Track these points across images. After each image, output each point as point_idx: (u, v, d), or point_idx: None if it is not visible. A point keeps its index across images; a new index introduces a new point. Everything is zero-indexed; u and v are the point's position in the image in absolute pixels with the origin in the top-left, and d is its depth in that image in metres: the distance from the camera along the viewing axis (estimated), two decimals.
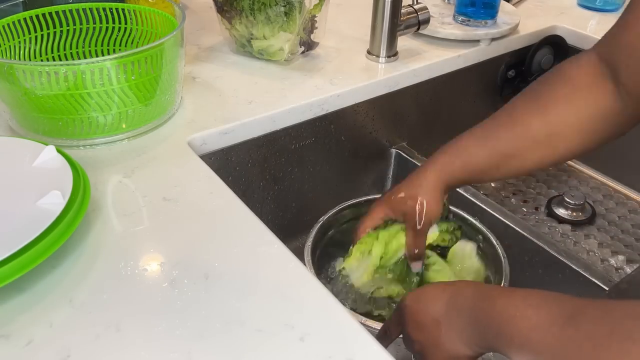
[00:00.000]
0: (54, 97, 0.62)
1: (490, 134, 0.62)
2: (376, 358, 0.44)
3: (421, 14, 0.89)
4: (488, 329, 0.46)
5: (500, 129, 0.62)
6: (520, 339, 0.43)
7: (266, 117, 0.75)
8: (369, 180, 0.96)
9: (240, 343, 0.45)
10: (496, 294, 0.47)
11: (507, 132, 0.61)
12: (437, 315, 0.51)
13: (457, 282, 0.55)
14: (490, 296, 0.47)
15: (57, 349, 0.44)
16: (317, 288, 0.50)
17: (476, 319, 0.48)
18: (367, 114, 0.87)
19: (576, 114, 0.58)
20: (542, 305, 0.43)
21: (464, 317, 0.49)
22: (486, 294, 0.48)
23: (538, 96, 0.61)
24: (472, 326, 0.48)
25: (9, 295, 0.48)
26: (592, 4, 1.14)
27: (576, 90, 0.59)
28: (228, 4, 0.84)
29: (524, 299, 0.44)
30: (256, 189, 0.81)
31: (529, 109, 0.61)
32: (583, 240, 0.95)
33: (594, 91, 0.58)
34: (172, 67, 0.69)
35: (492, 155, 0.61)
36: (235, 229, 0.56)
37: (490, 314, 0.46)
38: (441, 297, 0.52)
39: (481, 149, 0.62)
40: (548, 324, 0.41)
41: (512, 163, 0.61)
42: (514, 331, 0.43)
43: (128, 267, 0.51)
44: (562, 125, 0.59)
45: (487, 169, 0.62)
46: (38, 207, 0.51)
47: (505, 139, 0.61)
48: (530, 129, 0.60)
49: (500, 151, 0.61)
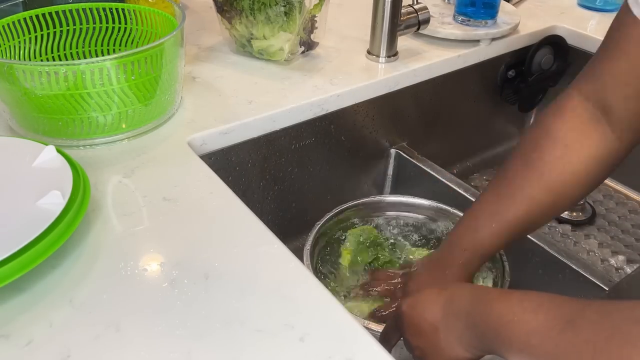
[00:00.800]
0: (54, 97, 0.62)
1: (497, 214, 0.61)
2: (376, 358, 0.44)
3: (421, 14, 0.89)
4: (486, 333, 0.46)
5: (506, 201, 0.61)
6: (519, 343, 0.43)
7: (266, 117, 0.75)
8: (369, 180, 0.96)
9: (240, 343, 0.45)
10: (493, 297, 0.47)
11: (513, 210, 0.60)
12: (434, 320, 0.51)
13: (452, 285, 0.55)
14: (486, 300, 0.47)
15: (57, 349, 0.44)
16: (317, 288, 0.50)
17: (474, 324, 0.48)
18: (367, 114, 0.87)
19: (572, 172, 0.58)
20: (540, 310, 0.42)
21: (461, 322, 0.49)
22: (482, 297, 0.48)
23: (530, 163, 0.60)
24: (470, 330, 0.48)
25: (9, 295, 0.48)
26: (592, 4, 1.14)
27: (567, 149, 0.58)
28: (228, 4, 0.84)
29: (521, 302, 0.44)
30: (256, 189, 0.81)
31: (526, 178, 0.60)
32: (583, 240, 0.95)
33: (585, 144, 0.57)
34: (172, 67, 0.69)
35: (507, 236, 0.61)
36: (235, 229, 0.56)
37: (488, 319, 0.46)
38: (437, 301, 0.52)
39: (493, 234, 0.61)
40: (546, 328, 0.41)
41: (525, 232, 0.62)
42: (512, 336, 0.43)
43: (128, 267, 0.51)
44: (561, 187, 0.59)
45: (498, 248, 0.63)
46: (38, 207, 0.51)
47: (514, 217, 0.60)
48: (534, 200, 0.59)
49: (513, 229, 0.61)
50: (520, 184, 0.60)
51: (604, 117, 0.56)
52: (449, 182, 0.86)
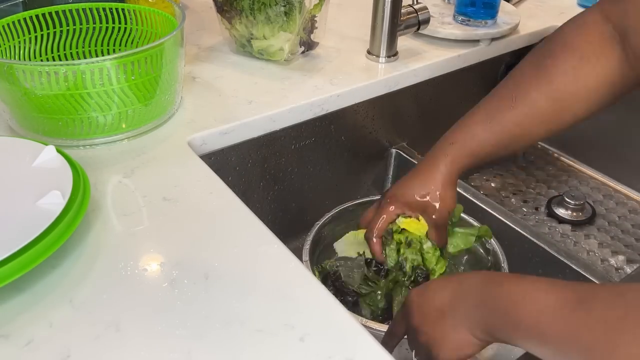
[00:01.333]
0: (54, 97, 0.62)
1: (495, 114, 0.60)
2: (376, 358, 0.44)
3: (421, 14, 0.89)
4: (494, 312, 0.45)
5: (505, 108, 0.60)
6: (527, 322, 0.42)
7: (266, 117, 0.75)
8: (369, 180, 0.96)
9: (240, 343, 0.45)
10: (504, 279, 0.46)
11: (512, 111, 0.59)
12: (441, 305, 0.50)
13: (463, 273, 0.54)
14: (497, 281, 0.46)
15: (57, 349, 0.44)
16: (317, 288, 0.50)
17: (482, 302, 0.46)
18: (367, 114, 0.87)
19: (584, 85, 0.57)
20: (552, 290, 0.41)
21: (469, 302, 0.47)
22: (494, 279, 0.47)
23: (542, 69, 0.59)
24: (478, 310, 0.46)
25: (9, 295, 0.48)
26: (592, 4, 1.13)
27: (583, 60, 0.57)
28: (228, 4, 0.84)
29: (533, 283, 0.43)
30: (256, 189, 0.81)
31: (533, 83, 0.59)
32: (583, 240, 0.95)
33: (601, 60, 0.56)
34: (172, 67, 0.69)
35: (500, 138, 0.60)
36: (235, 229, 0.56)
37: (497, 297, 0.45)
38: (446, 286, 0.51)
39: (489, 133, 0.60)
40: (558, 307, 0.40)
41: (520, 140, 0.61)
42: (521, 314, 0.42)
43: (128, 267, 0.51)
44: (569, 98, 0.57)
45: (496, 151, 0.62)
46: (38, 207, 0.51)
47: (511, 119, 0.59)
48: (536, 105, 0.58)
49: (508, 132, 0.60)
50: (526, 88, 0.59)
51: (621, 41, 0.55)
52: None
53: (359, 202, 0.80)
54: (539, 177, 1.08)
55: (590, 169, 1.10)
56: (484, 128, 0.61)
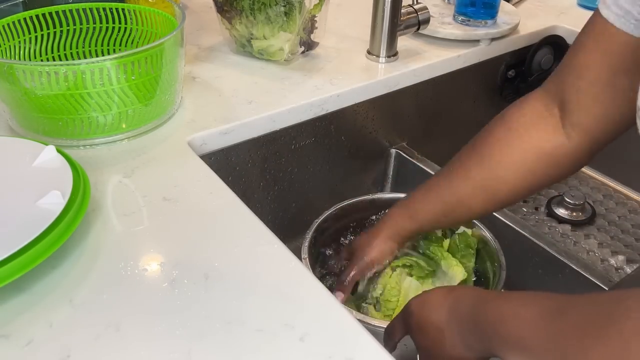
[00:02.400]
0: (54, 97, 0.62)
1: (434, 185, 0.65)
2: (376, 358, 0.44)
3: (421, 14, 0.89)
4: (485, 332, 0.46)
5: (443, 179, 0.64)
6: (513, 337, 0.43)
7: (266, 117, 0.75)
8: (369, 180, 0.96)
9: (240, 343, 0.45)
10: (493, 297, 0.48)
11: (449, 182, 0.63)
12: (440, 322, 0.52)
13: (458, 288, 0.56)
14: (487, 299, 0.48)
15: (57, 349, 0.44)
16: (317, 288, 0.50)
17: (475, 323, 0.48)
18: (367, 114, 0.87)
19: (513, 157, 0.59)
20: (534, 302, 0.43)
21: (464, 323, 0.49)
22: (483, 297, 0.49)
23: (479, 142, 0.62)
24: (472, 331, 0.48)
25: (9, 295, 0.48)
26: (592, 4, 1.13)
27: (512, 132, 0.59)
28: (228, 4, 0.84)
29: (519, 298, 0.45)
30: (256, 189, 0.81)
31: (469, 156, 0.62)
32: (583, 240, 0.95)
33: (534, 134, 0.58)
34: (172, 67, 0.69)
35: (437, 206, 0.64)
36: (235, 229, 0.56)
37: (487, 317, 0.47)
38: (443, 304, 0.52)
39: (427, 202, 0.65)
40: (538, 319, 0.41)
41: (457, 211, 0.64)
42: (507, 330, 0.44)
43: (128, 267, 0.51)
44: (500, 170, 0.59)
45: (434, 219, 0.66)
46: (38, 207, 0.51)
47: (446, 188, 0.63)
48: (469, 176, 0.61)
49: (444, 201, 0.64)
50: (462, 160, 0.63)
51: (559, 112, 0.57)
52: None
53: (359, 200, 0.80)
54: None
55: (590, 169, 1.10)
56: (423, 196, 0.66)
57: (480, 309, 0.48)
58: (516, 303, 0.45)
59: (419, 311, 0.54)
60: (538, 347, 0.41)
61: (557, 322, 0.40)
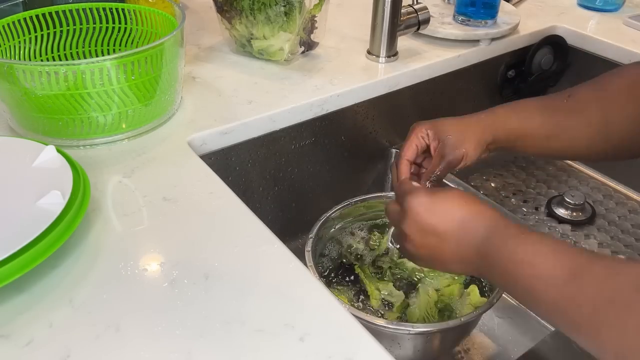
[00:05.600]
0: (54, 97, 0.62)
1: (549, 104, 0.62)
2: (376, 358, 0.44)
3: (421, 14, 0.89)
4: (494, 266, 0.46)
5: (559, 103, 0.61)
6: (523, 284, 0.43)
7: (266, 117, 0.75)
8: (369, 180, 0.96)
9: (240, 343, 0.45)
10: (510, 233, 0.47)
11: (564, 107, 0.61)
12: (445, 230, 0.50)
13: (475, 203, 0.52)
14: (504, 234, 0.47)
15: (57, 349, 0.44)
16: (317, 288, 0.50)
17: (485, 253, 0.47)
18: (367, 114, 0.87)
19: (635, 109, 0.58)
20: (550, 256, 0.42)
21: (472, 247, 0.48)
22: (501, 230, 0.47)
23: (600, 86, 0.61)
24: (479, 258, 0.47)
25: (9, 295, 0.48)
26: (592, 4, 1.14)
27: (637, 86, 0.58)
28: (228, 4, 0.84)
29: (534, 244, 0.44)
30: (256, 189, 0.81)
31: (589, 94, 0.61)
32: (583, 240, 0.95)
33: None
34: (172, 67, 0.69)
35: (547, 124, 0.61)
36: (235, 229, 0.56)
37: (499, 253, 0.46)
38: (455, 214, 0.50)
39: (538, 114, 0.61)
40: (552, 276, 0.41)
41: (563, 138, 0.61)
42: (518, 276, 0.43)
43: (128, 267, 0.51)
44: (619, 116, 0.58)
45: (538, 136, 0.62)
46: (38, 207, 0.51)
47: (562, 112, 0.61)
48: (587, 109, 0.60)
49: (555, 122, 0.60)
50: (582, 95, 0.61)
51: None
52: (449, 181, 0.86)
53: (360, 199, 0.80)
54: (539, 177, 1.08)
55: (590, 169, 1.10)
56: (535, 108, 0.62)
57: (494, 241, 0.47)
58: (531, 250, 0.43)
59: (424, 211, 0.52)
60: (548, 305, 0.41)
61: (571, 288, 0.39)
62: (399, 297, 0.71)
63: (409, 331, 0.61)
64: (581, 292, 0.39)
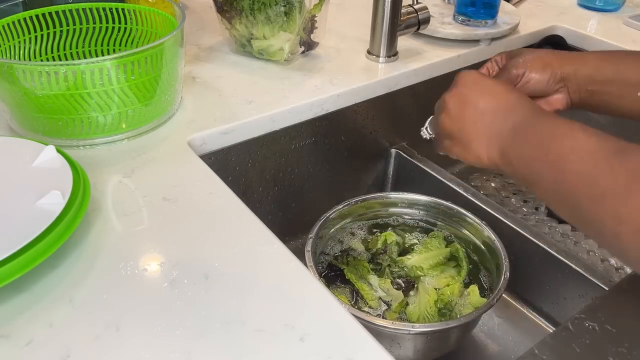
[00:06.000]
0: (54, 97, 0.62)
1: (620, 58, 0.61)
2: (376, 358, 0.44)
3: (421, 14, 0.89)
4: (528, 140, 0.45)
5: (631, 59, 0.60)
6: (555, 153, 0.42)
7: (266, 117, 0.75)
8: (369, 180, 0.96)
9: (240, 343, 0.45)
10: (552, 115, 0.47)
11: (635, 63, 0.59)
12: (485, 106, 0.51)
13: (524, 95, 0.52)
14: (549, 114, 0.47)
15: (57, 349, 0.44)
16: (317, 288, 0.50)
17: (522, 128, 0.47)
18: (367, 114, 0.87)
19: None
20: (595, 135, 0.42)
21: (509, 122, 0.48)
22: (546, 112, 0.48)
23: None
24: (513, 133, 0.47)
25: (9, 295, 0.48)
26: (592, 4, 1.14)
27: None
28: (228, 4, 0.84)
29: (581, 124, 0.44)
30: (256, 189, 0.81)
31: None
32: (583, 240, 0.95)
33: None
34: (172, 67, 0.69)
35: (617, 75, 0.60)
36: (235, 229, 0.56)
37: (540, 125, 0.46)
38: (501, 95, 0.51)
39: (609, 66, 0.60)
40: (593, 150, 0.40)
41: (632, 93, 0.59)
42: (553, 145, 0.43)
43: (128, 267, 0.51)
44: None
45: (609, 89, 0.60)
46: (38, 207, 0.51)
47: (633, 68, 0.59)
48: None
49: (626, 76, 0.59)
50: None
51: None
52: (449, 182, 0.86)
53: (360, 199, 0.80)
54: None
55: None
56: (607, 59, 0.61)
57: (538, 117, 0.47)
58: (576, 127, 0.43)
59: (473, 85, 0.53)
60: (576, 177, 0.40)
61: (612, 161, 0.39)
62: (397, 297, 0.71)
63: (409, 331, 0.61)
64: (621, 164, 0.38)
